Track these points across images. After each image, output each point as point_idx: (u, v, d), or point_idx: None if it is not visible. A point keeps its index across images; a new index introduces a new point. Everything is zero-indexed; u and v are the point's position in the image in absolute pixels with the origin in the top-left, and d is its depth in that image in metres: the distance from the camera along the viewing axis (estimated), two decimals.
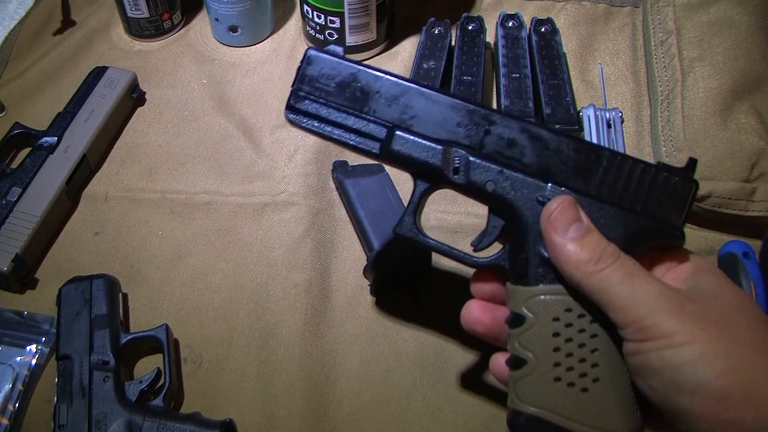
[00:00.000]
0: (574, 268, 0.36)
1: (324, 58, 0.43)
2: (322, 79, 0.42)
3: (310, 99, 0.42)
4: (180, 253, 0.62)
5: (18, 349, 0.55)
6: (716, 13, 0.67)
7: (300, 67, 0.43)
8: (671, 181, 0.39)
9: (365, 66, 0.42)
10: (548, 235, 0.37)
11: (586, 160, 0.39)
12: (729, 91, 0.62)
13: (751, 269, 0.54)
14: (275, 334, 0.57)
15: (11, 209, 0.60)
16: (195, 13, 0.83)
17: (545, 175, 0.39)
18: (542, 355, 0.37)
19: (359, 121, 0.42)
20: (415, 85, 0.41)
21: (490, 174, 0.40)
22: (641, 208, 0.38)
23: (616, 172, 0.39)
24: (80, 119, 0.68)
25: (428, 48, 0.71)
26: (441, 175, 0.41)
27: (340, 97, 0.42)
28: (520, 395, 0.37)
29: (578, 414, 0.36)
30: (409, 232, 0.42)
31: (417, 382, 0.54)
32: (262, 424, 0.52)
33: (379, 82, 0.42)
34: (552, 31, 0.71)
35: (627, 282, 0.34)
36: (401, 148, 0.41)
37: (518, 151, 0.40)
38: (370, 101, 0.42)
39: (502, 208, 0.40)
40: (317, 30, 0.74)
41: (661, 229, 0.38)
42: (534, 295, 0.38)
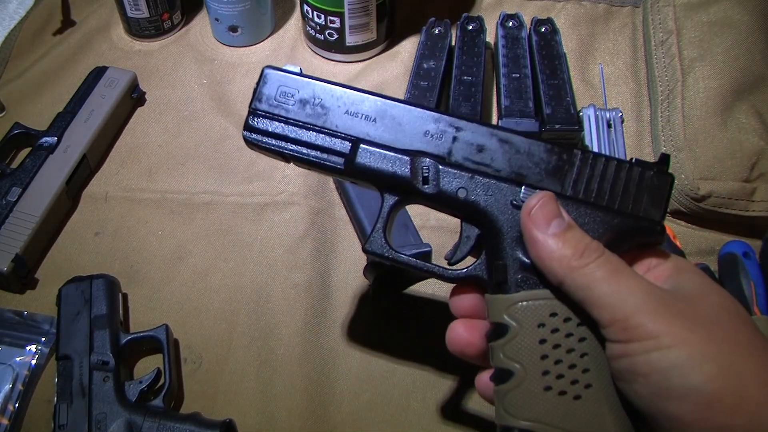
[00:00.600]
0: (556, 263, 0.34)
1: (282, 75, 0.41)
2: (281, 97, 0.41)
3: (269, 118, 0.41)
4: (180, 253, 0.62)
5: (18, 349, 0.55)
6: (716, 13, 0.67)
7: (257, 85, 0.42)
8: (646, 175, 0.38)
9: (325, 81, 0.41)
10: (529, 231, 0.36)
11: (558, 160, 0.38)
12: (729, 90, 0.62)
13: (751, 269, 0.54)
14: (275, 334, 0.57)
15: (11, 209, 0.60)
16: (195, 13, 0.83)
17: (518, 178, 0.38)
18: (530, 365, 0.35)
19: (321, 137, 0.40)
20: (378, 97, 0.40)
21: (461, 181, 0.39)
22: (619, 206, 0.37)
23: (590, 171, 0.38)
24: (80, 119, 0.68)
25: (428, 48, 0.71)
26: (410, 186, 0.39)
27: (300, 113, 0.41)
28: (509, 409, 0.36)
29: (572, 423, 0.34)
30: (379, 249, 0.41)
31: (417, 382, 0.54)
32: (262, 424, 0.52)
33: (341, 96, 0.40)
34: (552, 31, 0.71)
35: (612, 278, 0.33)
36: (366, 161, 0.40)
37: (488, 156, 0.39)
38: (331, 116, 0.40)
39: (476, 216, 0.39)
40: (317, 30, 0.74)
41: (641, 225, 0.37)
42: (515, 302, 0.36)
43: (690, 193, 0.59)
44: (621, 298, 0.33)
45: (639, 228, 0.37)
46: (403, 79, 0.74)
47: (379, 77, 0.74)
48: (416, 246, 0.56)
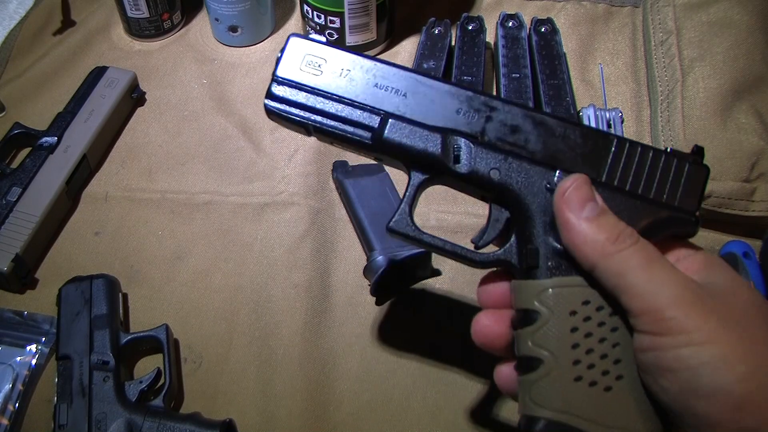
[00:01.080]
0: (590, 248, 0.33)
1: (308, 43, 0.40)
2: (307, 66, 0.39)
3: (293, 87, 0.39)
4: (180, 253, 0.62)
5: (18, 349, 0.55)
6: (716, 13, 0.67)
7: (281, 53, 0.40)
8: (683, 166, 0.37)
9: (354, 52, 0.40)
10: (562, 214, 0.35)
11: (593, 146, 0.37)
12: (729, 91, 0.62)
13: (751, 269, 0.54)
14: (275, 334, 0.57)
15: (11, 209, 0.60)
16: (195, 13, 0.83)
17: (552, 162, 0.37)
18: (560, 353, 0.34)
19: (348, 109, 0.39)
20: (409, 72, 0.39)
21: (495, 162, 0.38)
22: (654, 195, 0.36)
23: (626, 159, 0.37)
24: (80, 119, 0.68)
25: (428, 48, 0.71)
26: (440, 164, 0.38)
27: (327, 84, 0.39)
28: (536, 399, 0.34)
29: (603, 415, 0.33)
30: (404, 229, 0.39)
31: (417, 382, 0.54)
32: (262, 424, 0.52)
33: (371, 68, 0.39)
34: (552, 31, 0.71)
35: (647, 267, 0.32)
36: (395, 137, 0.38)
37: (522, 138, 0.38)
38: (360, 88, 0.39)
39: (507, 198, 0.38)
40: (317, 30, 0.74)
41: (676, 216, 0.36)
42: (546, 288, 0.35)
43: None
44: (655, 287, 0.31)
45: (674, 218, 0.36)
46: None
47: None
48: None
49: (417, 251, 0.55)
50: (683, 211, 0.37)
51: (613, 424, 0.33)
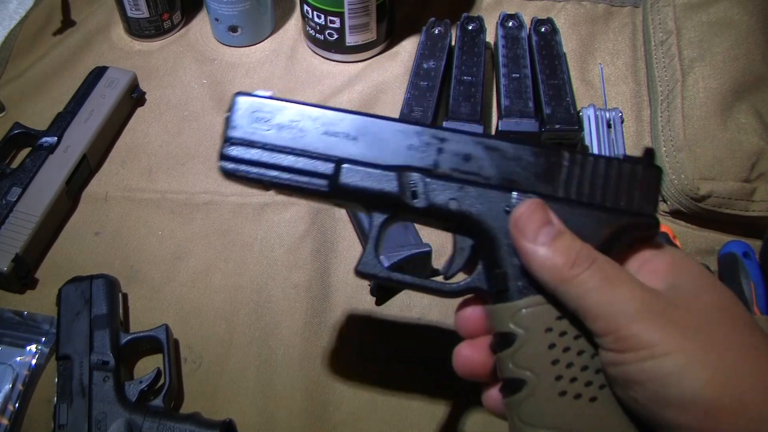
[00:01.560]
0: (547, 274, 0.34)
1: (255, 100, 0.41)
2: (256, 123, 0.40)
3: (245, 145, 0.40)
4: (180, 253, 0.62)
5: (18, 349, 0.55)
6: (716, 13, 0.67)
7: (229, 113, 0.41)
8: (637, 170, 0.37)
9: (300, 102, 0.40)
10: (518, 242, 0.35)
11: (547, 162, 0.38)
12: (729, 91, 0.62)
13: (751, 269, 0.54)
14: (275, 334, 0.57)
15: (11, 209, 0.60)
16: (195, 13, 0.83)
17: (508, 184, 0.38)
18: (542, 371, 0.34)
19: (302, 160, 0.39)
20: (356, 114, 0.39)
21: (451, 192, 0.38)
22: (611, 203, 0.37)
23: (580, 171, 0.37)
24: (80, 119, 0.68)
25: (428, 48, 0.71)
26: (399, 202, 0.38)
27: (277, 138, 0.39)
28: (524, 419, 0.35)
29: (592, 426, 0.34)
30: (372, 270, 0.39)
31: (417, 382, 0.54)
32: (262, 424, 0.52)
33: (318, 116, 0.39)
34: (552, 31, 0.71)
35: (605, 288, 0.32)
36: (351, 181, 0.38)
37: (476, 165, 0.38)
38: (310, 138, 0.39)
39: (469, 226, 0.38)
40: (317, 30, 0.74)
41: (636, 220, 0.37)
42: (519, 309, 0.35)
43: (690, 193, 0.59)
44: (614, 308, 0.32)
45: (633, 223, 0.37)
46: (403, 79, 0.74)
47: (379, 77, 0.74)
48: (416, 246, 0.56)
49: (417, 251, 0.55)
50: (642, 215, 0.37)
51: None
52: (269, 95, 0.41)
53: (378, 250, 0.40)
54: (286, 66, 0.76)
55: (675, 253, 0.37)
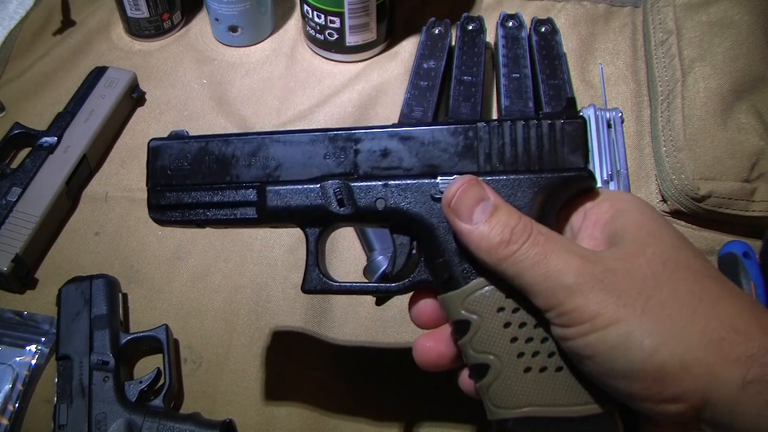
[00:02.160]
0: (485, 254, 0.33)
1: (167, 144, 0.41)
2: (174, 166, 0.40)
3: (169, 191, 0.40)
4: (180, 253, 0.62)
5: (18, 349, 0.55)
6: (716, 13, 0.67)
7: (147, 162, 0.41)
8: (557, 126, 0.37)
9: (212, 136, 0.40)
10: (453, 224, 0.34)
11: (465, 139, 0.37)
12: (729, 91, 0.62)
13: (751, 269, 0.54)
14: (275, 334, 0.56)
15: (11, 209, 0.60)
16: (195, 13, 0.83)
17: (431, 170, 0.37)
18: (502, 352, 0.34)
19: (226, 193, 0.39)
20: (266, 136, 0.39)
21: (376, 192, 0.38)
22: (540, 165, 0.36)
23: (500, 139, 0.37)
24: (80, 119, 0.68)
25: (428, 48, 0.71)
26: (327, 213, 0.38)
27: (197, 176, 0.40)
28: (496, 402, 0.34)
29: (563, 396, 0.33)
30: (318, 286, 0.40)
31: (417, 382, 0.54)
32: (262, 424, 0.52)
33: (231, 146, 0.39)
34: (552, 31, 0.71)
35: (542, 263, 0.32)
36: (277, 202, 0.39)
37: (395, 158, 0.38)
38: (229, 168, 0.39)
39: (402, 222, 0.38)
40: (317, 30, 0.74)
41: (569, 177, 0.36)
42: (468, 295, 0.35)
43: (690, 193, 0.59)
44: (552, 283, 0.31)
45: (567, 180, 0.36)
46: (403, 79, 0.74)
47: (379, 77, 0.74)
48: None
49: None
50: (574, 170, 0.36)
51: (577, 401, 0.33)
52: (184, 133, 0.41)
53: (320, 264, 0.40)
54: (286, 66, 0.76)
55: (616, 197, 0.36)
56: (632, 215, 0.34)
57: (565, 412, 0.33)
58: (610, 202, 0.36)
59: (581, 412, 0.33)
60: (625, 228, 0.34)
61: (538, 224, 0.34)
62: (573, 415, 0.33)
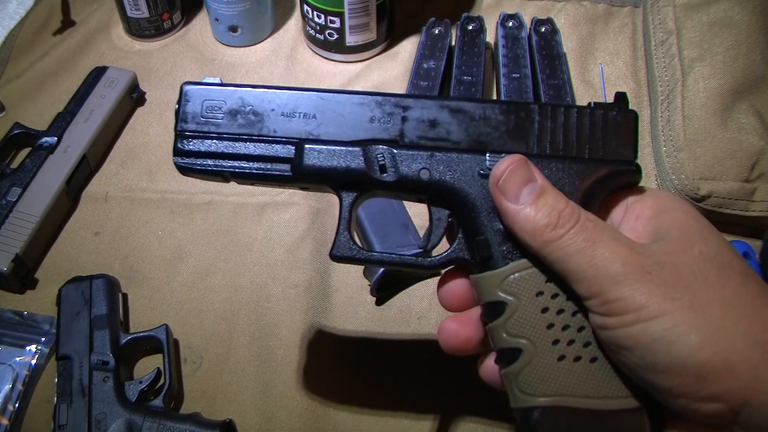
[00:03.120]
0: (530, 236, 0.32)
1: (204, 89, 0.38)
2: (208, 112, 0.38)
3: (199, 137, 0.38)
4: (180, 253, 0.62)
5: (18, 349, 0.55)
6: (716, 13, 0.67)
7: (178, 105, 0.38)
8: (610, 116, 0.36)
9: (252, 85, 0.38)
10: (499, 203, 0.34)
11: (516, 119, 0.36)
12: (729, 91, 0.62)
13: None
14: (275, 334, 0.57)
15: (11, 209, 0.60)
16: (195, 13, 0.83)
17: (480, 146, 0.36)
18: (537, 337, 0.33)
19: (261, 146, 0.37)
20: (312, 92, 0.38)
21: (421, 161, 0.36)
22: (589, 153, 0.36)
23: (552, 123, 0.36)
24: (80, 119, 0.68)
25: (428, 48, 0.71)
26: (367, 178, 0.37)
27: (232, 125, 0.38)
28: (524, 389, 0.33)
29: (595, 388, 0.32)
30: (348, 252, 0.38)
31: (417, 381, 0.54)
32: (262, 424, 0.52)
33: (271, 98, 0.38)
34: (552, 31, 0.71)
35: (588, 250, 0.31)
36: (315, 162, 0.37)
37: (444, 130, 0.37)
38: (267, 121, 0.38)
39: (444, 195, 0.37)
40: (317, 30, 0.74)
41: (616, 168, 0.36)
42: (507, 275, 0.34)
43: (690, 193, 0.59)
44: (597, 271, 0.31)
45: (615, 171, 0.36)
46: (403, 79, 0.74)
47: (379, 77, 0.74)
48: (416, 246, 0.56)
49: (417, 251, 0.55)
50: (622, 162, 0.36)
51: (608, 394, 0.33)
52: (218, 81, 0.39)
53: (351, 231, 0.39)
54: (286, 66, 0.76)
55: (659, 195, 0.36)
56: (677, 213, 0.34)
57: (595, 404, 0.33)
58: (654, 199, 0.35)
59: (612, 406, 0.33)
60: (671, 225, 0.33)
61: (586, 211, 0.33)
62: (603, 408, 0.33)
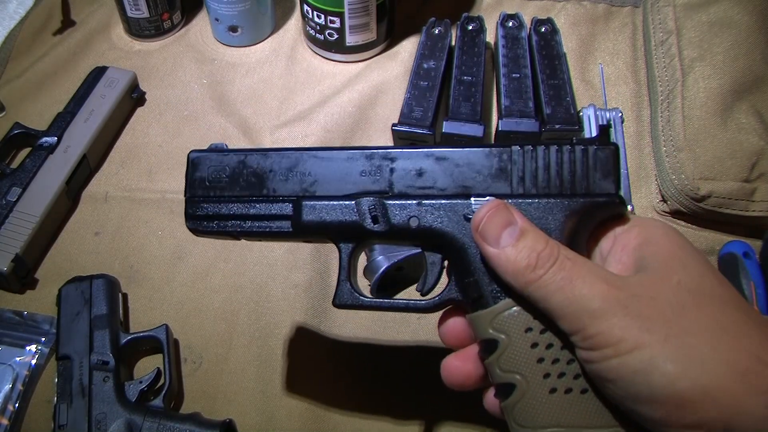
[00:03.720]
0: (511, 277, 0.34)
1: (207, 156, 0.42)
2: (213, 178, 0.41)
3: (206, 201, 0.41)
4: (180, 253, 0.62)
5: (18, 349, 0.55)
6: (716, 13, 0.67)
7: (186, 173, 0.42)
8: (590, 152, 0.37)
9: (251, 150, 0.41)
10: (482, 248, 0.35)
11: (499, 161, 0.38)
12: (729, 91, 0.62)
13: (751, 269, 0.54)
14: (275, 334, 0.57)
15: (11, 209, 0.60)
16: (195, 13, 0.83)
17: (465, 191, 0.38)
18: (528, 372, 0.35)
19: (262, 206, 0.40)
20: (304, 151, 0.40)
21: (410, 210, 0.39)
22: (572, 189, 0.37)
23: (533, 163, 0.37)
24: (80, 119, 0.68)
25: (428, 48, 0.71)
26: (361, 229, 0.39)
27: (235, 188, 0.41)
28: (520, 421, 0.35)
29: (587, 419, 0.34)
30: (350, 301, 0.41)
31: (417, 382, 0.54)
32: (262, 424, 0.52)
33: (269, 160, 0.41)
34: (552, 31, 0.71)
35: (567, 287, 0.32)
36: (312, 217, 0.40)
37: (430, 178, 0.39)
38: (266, 182, 0.41)
39: (434, 240, 0.39)
40: (317, 30, 0.74)
41: (599, 202, 0.37)
42: (497, 314, 0.35)
43: (690, 193, 0.59)
44: (576, 307, 0.32)
45: (597, 205, 0.37)
46: (403, 79, 0.74)
47: (379, 77, 0.74)
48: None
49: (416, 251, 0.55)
50: (605, 195, 0.37)
51: (599, 424, 0.34)
52: (223, 147, 0.42)
53: (352, 280, 0.41)
54: (286, 66, 0.76)
55: (646, 224, 0.36)
56: (660, 242, 0.35)
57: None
58: (639, 228, 0.36)
59: None
60: (653, 255, 0.34)
61: (566, 249, 0.34)
62: None
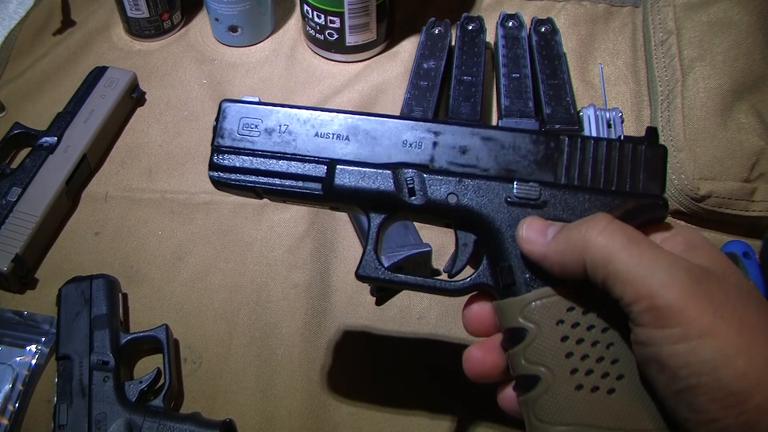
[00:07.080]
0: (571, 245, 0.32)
1: (242, 107, 0.40)
2: (245, 130, 0.39)
3: (234, 153, 0.39)
4: (180, 253, 0.62)
5: (18, 349, 0.55)
6: (716, 13, 0.67)
7: (216, 121, 0.40)
8: (639, 150, 0.36)
9: (288, 105, 0.39)
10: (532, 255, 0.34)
11: (546, 149, 0.37)
12: (729, 91, 0.62)
13: (751, 269, 0.54)
14: (275, 334, 0.57)
15: (11, 209, 0.60)
16: (195, 13, 0.83)
17: (508, 174, 0.37)
18: (556, 365, 0.33)
19: (294, 165, 0.38)
20: (347, 114, 0.39)
21: (450, 186, 0.37)
22: (617, 186, 0.36)
23: (581, 155, 0.36)
24: (80, 119, 0.68)
25: (428, 48, 0.71)
26: (396, 200, 0.38)
27: (267, 143, 0.39)
28: (541, 417, 0.33)
29: (611, 419, 0.32)
30: (373, 273, 0.39)
31: (417, 382, 0.54)
32: (262, 424, 0.52)
33: (307, 119, 0.39)
34: (552, 31, 0.71)
35: (633, 247, 0.30)
36: (346, 182, 0.38)
37: (473, 157, 0.37)
38: (300, 141, 0.39)
39: (471, 220, 0.37)
40: (317, 30, 0.74)
41: (644, 202, 0.36)
42: (528, 303, 0.34)
43: (690, 193, 0.59)
44: (643, 269, 0.29)
45: (642, 205, 0.36)
46: (403, 79, 0.74)
47: (379, 77, 0.74)
48: (416, 246, 0.56)
49: (417, 251, 0.55)
50: (650, 197, 0.36)
51: (624, 426, 0.32)
52: (256, 100, 0.40)
53: (378, 252, 0.39)
54: (286, 66, 0.76)
55: (689, 233, 0.35)
56: (705, 248, 0.34)
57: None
58: (683, 235, 0.35)
59: None
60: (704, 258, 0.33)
61: None
62: None
